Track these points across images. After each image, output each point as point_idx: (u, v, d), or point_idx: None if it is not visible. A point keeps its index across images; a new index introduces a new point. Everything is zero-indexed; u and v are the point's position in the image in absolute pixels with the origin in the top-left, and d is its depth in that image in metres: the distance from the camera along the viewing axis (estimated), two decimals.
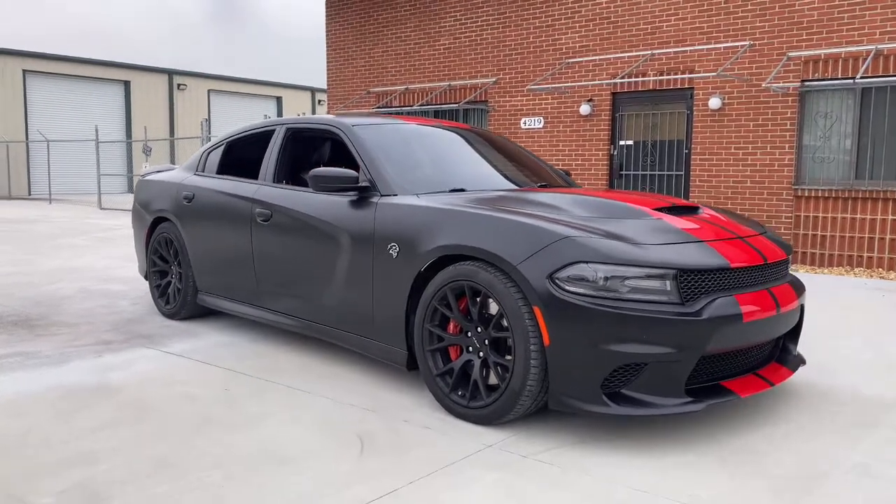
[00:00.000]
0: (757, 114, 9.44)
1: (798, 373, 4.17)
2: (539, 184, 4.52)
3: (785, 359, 3.68)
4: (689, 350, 2.97)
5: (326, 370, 4.17)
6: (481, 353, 3.32)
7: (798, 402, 3.69)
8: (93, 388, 3.81)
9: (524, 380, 3.06)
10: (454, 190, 4.00)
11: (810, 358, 4.49)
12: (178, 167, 5.79)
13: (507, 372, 3.17)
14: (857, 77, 8.48)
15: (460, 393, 3.37)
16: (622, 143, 10.69)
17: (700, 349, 2.99)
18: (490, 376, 3.30)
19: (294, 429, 3.24)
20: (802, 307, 3.72)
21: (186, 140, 27.91)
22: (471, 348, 3.38)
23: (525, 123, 11.51)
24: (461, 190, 4.01)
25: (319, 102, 35.51)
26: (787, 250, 3.69)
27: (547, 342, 3.02)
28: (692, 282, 3.07)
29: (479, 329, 3.32)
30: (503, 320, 3.20)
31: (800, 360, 3.73)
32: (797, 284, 3.66)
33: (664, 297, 2.99)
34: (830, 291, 7.14)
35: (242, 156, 5.40)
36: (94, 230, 12.83)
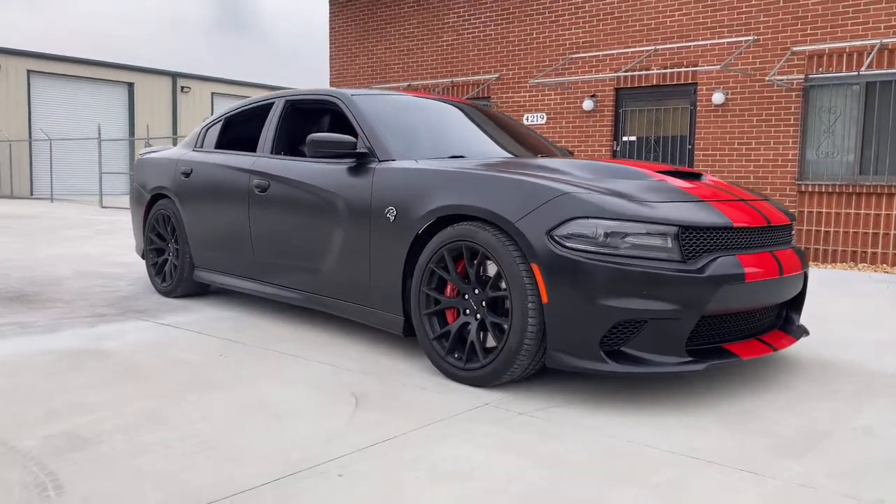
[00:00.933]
0: (760, 109, 9.40)
1: (804, 347, 4.11)
2: (539, 156, 4.47)
3: (788, 329, 3.62)
4: (690, 308, 2.91)
5: (325, 339, 4.12)
6: (478, 316, 3.27)
7: (803, 372, 3.62)
8: (85, 352, 3.76)
9: (521, 337, 3.00)
10: (453, 157, 3.96)
11: (818, 337, 4.42)
12: (178, 146, 5.76)
13: (503, 333, 3.12)
14: (862, 71, 8.44)
15: (456, 356, 3.32)
16: (625, 138, 10.64)
17: (701, 308, 2.93)
18: (487, 339, 3.25)
19: (289, 389, 3.19)
20: (806, 276, 3.66)
21: None
22: (468, 311, 3.32)
23: (528, 119, 11.48)
24: (461, 157, 3.97)
25: None
26: (790, 217, 3.64)
27: (545, 300, 2.96)
28: (694, 240, 3.02)
29: (477, 291, 3.27)
30: (501, 282, 3.15)
31: (803, 331, 3.67)
32: (801, 253, 3.60)
33: (665, 255, 2.94)
34: (839, 283, 7.07)
35: (241, 131, 5.36)
36: (94, 224, 12.79)
